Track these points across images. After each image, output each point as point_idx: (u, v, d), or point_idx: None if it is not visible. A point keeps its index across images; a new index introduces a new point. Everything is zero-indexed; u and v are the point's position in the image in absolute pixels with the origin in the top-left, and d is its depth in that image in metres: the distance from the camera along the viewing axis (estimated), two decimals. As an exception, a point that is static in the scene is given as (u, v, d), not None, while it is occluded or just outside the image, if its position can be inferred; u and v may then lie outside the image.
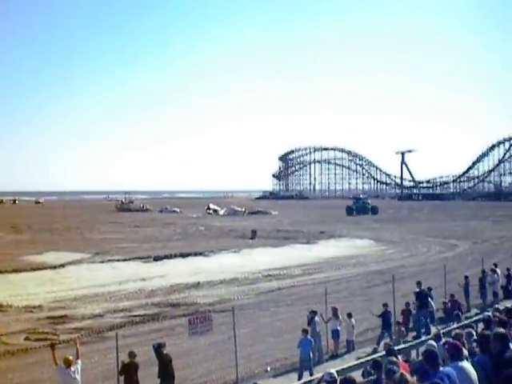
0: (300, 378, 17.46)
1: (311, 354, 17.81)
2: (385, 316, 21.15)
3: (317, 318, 19.40)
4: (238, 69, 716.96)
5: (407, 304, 22.73)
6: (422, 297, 22.87)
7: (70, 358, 13.32)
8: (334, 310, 20.38)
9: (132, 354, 14.62)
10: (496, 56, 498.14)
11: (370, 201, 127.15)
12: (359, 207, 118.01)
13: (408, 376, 7.10)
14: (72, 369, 13.14)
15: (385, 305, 21.55)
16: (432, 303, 23.75)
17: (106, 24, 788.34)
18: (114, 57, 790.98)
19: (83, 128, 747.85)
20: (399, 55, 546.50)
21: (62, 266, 41.57)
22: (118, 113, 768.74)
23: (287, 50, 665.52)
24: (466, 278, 27.21)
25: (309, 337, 18.13)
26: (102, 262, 44.23)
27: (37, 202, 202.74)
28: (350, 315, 20.64)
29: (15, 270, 38.75)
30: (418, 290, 23.21)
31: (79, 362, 13.47)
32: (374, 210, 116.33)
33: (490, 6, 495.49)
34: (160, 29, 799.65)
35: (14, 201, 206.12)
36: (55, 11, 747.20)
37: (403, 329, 21.06)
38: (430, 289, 24.25)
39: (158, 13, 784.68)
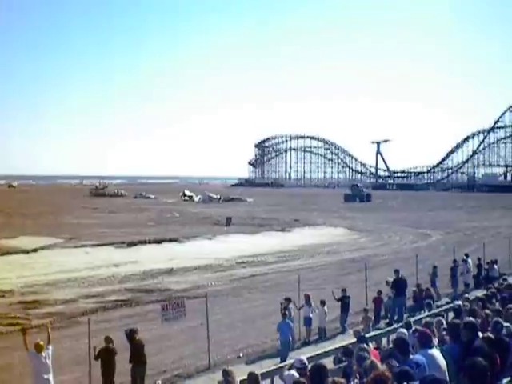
0: (283, 361, 17.77)
1: (290, 338, 17.97)
2: (343, 300, 21.44)
3: (291, 305, 19.47)
4: (214, 57, 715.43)
5: (379, 292, 22.87)
6: (399, 285, 23.05)
7: (41, 343, 13.23)
8: (307, 298, 20.45)
9: (108, 339, 14.60)
10: (471, 49, 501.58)
11: (364, 189, 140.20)
12: (357, 195, 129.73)
13: (378, 363, 7.17)
14: (43, 354, 13.07)
15: (343, 290, 21.94)
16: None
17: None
18: (92, 52, 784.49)
19: (59, 113, 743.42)
20: (375, 44, 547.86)
21: (35, 250, 41.27)
22: (95, 101, 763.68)
23: (262, 40, 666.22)
24: (434, 267, 27.43)
25: (287, 320, 18.32)
26: (76, 247, 44.00)
27: (10, 186, 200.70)
28: (323, 302, 20.72)
29: (-13, 254, 38.38)
30: (395, 277, 23.40)
31: (50, 347, 13.40)
32: (368, 198, 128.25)
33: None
34: (131, 25, 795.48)
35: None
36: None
37: (370, 316, 21.17)
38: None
39: (129, 10, 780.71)
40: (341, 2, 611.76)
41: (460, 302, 14.36)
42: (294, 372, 8.59)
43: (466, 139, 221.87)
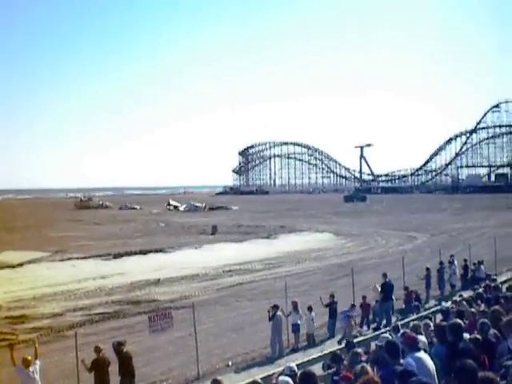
0: (273, 349, 18.69)
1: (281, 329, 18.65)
2: (331, 306, 21.48)
3: (279, 312, 19.47)
4: (198, 64, 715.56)
5: (364, 297, 22.91)
6: (387, 289, 23.12)
7: (29, 357, 13.20)
8: (294, 304, 20.45)
9: (98, 349, 14.52)
10: (456, 50, 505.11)
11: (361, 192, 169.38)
12: (356, 196, 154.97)
13: (369, 368, 7.18)
14: (31, 369, 13.04)
15: (331, 296, 21.96)
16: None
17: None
18: (78, 62, 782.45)
19: (43, 125, 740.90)
20: (359, 49, 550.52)
21: (21, 265, 41.04)
22: (78, 112, 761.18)
23: (243, 43, 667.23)
24: (428, 269, 27.55)
25: (279, 313, 18.94)
26: (62, 260, 43.80)
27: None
28: (310, 309, 20.74)
29: (-28, 270, 38.12)
30: (383, 281, 23.47)
31: (38, 362, 13.36)
32: (364, 199, 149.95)
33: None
34: (116, 29, 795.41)
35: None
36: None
37: (355, 322, 21.20)
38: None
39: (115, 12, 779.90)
40: (322, 5, 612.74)
41: (447, 304, 14.42)
42: (288, 379, 8.59)
43: (449, 141, 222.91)
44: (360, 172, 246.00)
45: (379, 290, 23.37)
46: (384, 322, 22.18)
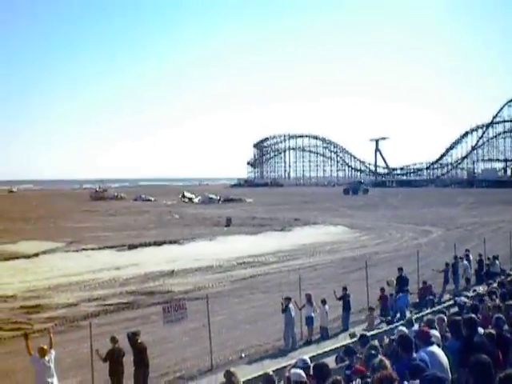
0: (286, 342, 18.79)
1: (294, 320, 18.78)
2: (344, 298, 21.46)
3: (291, 305, 19.48)
4: (213, 59, 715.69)
5: (382, 289, 22.87)
6: (402, 282, 23.07)
7: (45, 347, 13.26)
8: (308, 297, 20.45)
9: (114, 340, 14.61)
10: (471, 44, 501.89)
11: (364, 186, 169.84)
12: (356, 188, 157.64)
13: (387, 362, 7.16)
14: (46, 358, 13.10)
15: (344, 288, 21.97)
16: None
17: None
18: (91, 54, 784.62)
19: (58, 117, 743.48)
20: (373, 43, 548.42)
21: (36, 255, 41.30)
22: (94, 104, 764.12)
23: (260, 41, 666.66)
24: (447, 264, 27.43)
25: (291, 305, 19.04)
26: (77, 250, 43.98)
27: (10, 191, 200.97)
28: (324, 302, 20.72)
29: (-12, 260, 38.39)
30: (398, 275, 23.43)
31: (53, 351, 13.42)
32: (366, 191, 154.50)
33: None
34: (134, 25, 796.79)
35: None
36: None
37: (374, 315, 21.22)
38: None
39: (128, 11, 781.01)
40: (340, 4, 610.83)
41: (461, 299, 14.36)
42: (300, 371, 8.59)
43: (465, 135, 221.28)
44: (375, 165, 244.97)
45: (394, 283, 23.33)
46: (398, 315, 22.13)
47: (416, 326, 11.37)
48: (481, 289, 20.64)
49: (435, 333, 9.71)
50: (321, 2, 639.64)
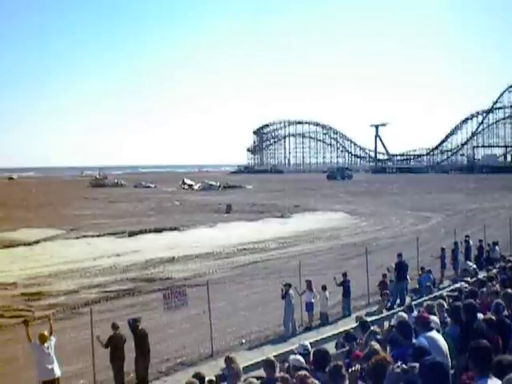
0: (287, 328, 18.91)
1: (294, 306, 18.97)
2: (344, 284, 21.51)
3: (291, 291, 19.52)
4: (211, 45, 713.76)
5: (384, 275, 22.92)
6: (401, 268, 23.09)
7: (45, 333, 13.29)
8: (308, 283, 20.52)
9: (115, 326, 14.66)
10: (469, 30, 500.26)
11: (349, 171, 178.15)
12: (339, 174, 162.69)
13: (378, 347, 7.18)
14: (46, 345, 13.14)
15: (344, 274, 22.02)
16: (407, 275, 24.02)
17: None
18: (92, 44, 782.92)
19: (58, 104, 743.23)
20: (372, 29, 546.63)
21: (36, 242, 41.36)
22: (93, 91, 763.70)
23: (260, 27, 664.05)
24: (443, 249, 27.50)
25: (291, 291, 19.20)
26: (77, 237, 44.05)
27: (10, 178, 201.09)
28: (324, 288, 20.78)
29: (-12, 248, 38.44)
30: (397, 261, 23.44)
31: (53, 338, 13.45)
32: (350, 177, 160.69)
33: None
34: (136, 17, 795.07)
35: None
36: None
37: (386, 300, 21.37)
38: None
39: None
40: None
41: (461, 284, 14.38)
42: (299, 357, 8.62)
43: (465, 121, 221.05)
44: (375, 151, 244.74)
45: (394, 269, 23.37)
46: (398, 301, 22.19)
47: (415, 312, 11.39)
48: (480, 275, 20.65)
49: (435, 318, 9.74)
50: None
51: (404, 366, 5.70)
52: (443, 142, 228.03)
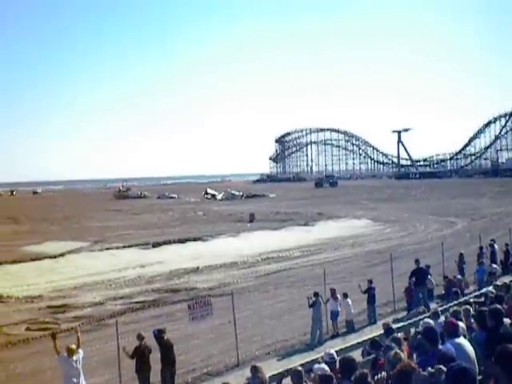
0: (313, 336, 18.85)
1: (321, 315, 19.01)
2: (369, 292, 21.39)
3: (320, 300, 19.49)
4: (232, 54, 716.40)
5: (410, 282, 22.77)
6: (420, 274, 22.92)
7: (73, 346, 13.32)
8: (333, 291, 20.45)
9: (141, 336, 14.70)
10: (492, 33, 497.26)
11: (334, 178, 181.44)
12: (326, 181, 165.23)
13: (402, 354, 7.13)
14: (74, 358, 13.18)
15: (370, 281, 21.88)
16: (432, 281, 23.84)
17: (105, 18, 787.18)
18: (110, 50, 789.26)
19: (78, 118, 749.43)
20: (395, 35, 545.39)
21: (62, 255, 41.62)
22: (113, 104, 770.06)
23: (282, 35, 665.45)
24: (461, 255, 27.26)
25: (319, 300, 19.18)
26: (101, 249, 44.28)
27: (34, 193, 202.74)
28: (345, 295, 20.72)
29: (15, 261, 38.79)
30: (415, 267, 23.27)
31: (80, 351, 13.49)
32: (335, 184, 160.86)
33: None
34: (159, 22, 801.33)
35: (12, 192, 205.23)
36: (54, 5, 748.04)
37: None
38: (428, 266, 24.27)
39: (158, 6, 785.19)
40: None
41: (488, 289, 14.25)
42: (324, 365, 8.60)
43: (488, 124, 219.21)
44: (398, 157, 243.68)
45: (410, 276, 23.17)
46: (421, 308, 22.01)
47: (442, 318, 11.31)
48: (506, 280, 20.46)
49: (461, 324, 9.66)
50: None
51: (430, 369, 5.67)
52: (466, 146, 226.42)
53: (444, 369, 5.74)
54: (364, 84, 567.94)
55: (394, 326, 14.69)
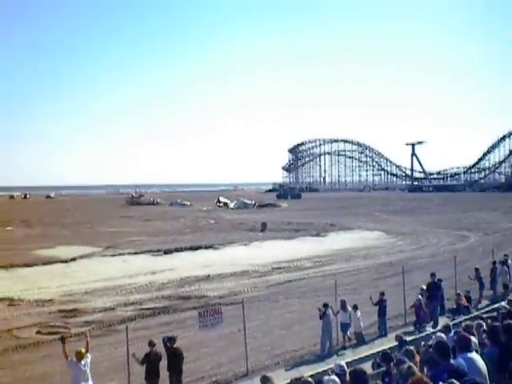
0: (323, 347, 18.75)
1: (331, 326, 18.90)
2: (381, 304, 21.27)
3: (329, 311, 19.42)
4: (247, 64, 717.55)
5: (421, 295, 22.62)
6: (433, 288, 22.78)
7: (82, 351, 13.33)
8: (343, 303, 20.35)
9: (152, 343, 14.69)
10: (508, 47, 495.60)
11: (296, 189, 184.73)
12: (288, 193, 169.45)
13: (415, 369, 7.08)
14: (82, 362, 13.18)
15: (381, 293, 21.72)
16: (443, 295, 23.71)
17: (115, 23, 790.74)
18: (119, 57, 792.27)
19: (91, 123, 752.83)
20: (409, 48, 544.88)
21: (73, 259, 41.71)
22: (126, 109, 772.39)
23: (295, 46, 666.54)
24: (477, 270, 27.07)
25: (329, 311, 19.08)
26: (113, 255, 44.36)
27: (47, 197, 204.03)
28: (355, 307, 20.62)
29: (26, 265, 38.92)
30: (430, 281, 23.13)
31: (89, 355, 13.50)
32: (299, 196, 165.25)
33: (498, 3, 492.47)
34: (170, 30, 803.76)
35: (25, 195, 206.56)
36: (61, 12, 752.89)
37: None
38: (440, 280, 24.11)
39: (172, 13, 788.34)
40: (375, 14, 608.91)
41: (501, 304, 14.14)
42: (334, 377, 8.55)
43: (503, 138, 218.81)
44: (411, 170, 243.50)
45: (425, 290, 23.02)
46: (431, 323, 21.88)
47: (453, 332, 11.23)
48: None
49: (473, 339, 9.59)
50: (360, 8, 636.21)
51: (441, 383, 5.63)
52: (480, 160, 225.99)
53: (456, 383, 5.69)
54: (379, 97, 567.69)
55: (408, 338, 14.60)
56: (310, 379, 8.72)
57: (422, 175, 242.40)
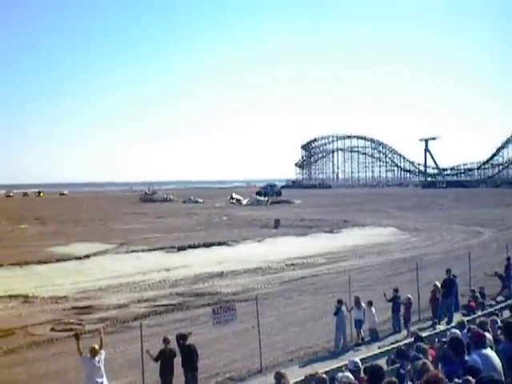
0: (337, 344, 18.79)
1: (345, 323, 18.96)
2: (394, 301, 21.20)
3: (343, 308, 19.38)
4: (261, 59, 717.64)
5: (434, 292, 22.55)
6: (448, 285, 22.69)
7: (96, 347, 13.35)
8: (357, 299, 20.31)
9: (167, 340, 14.71)
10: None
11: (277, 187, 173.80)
12: (269, 191, 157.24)
13: (430, 365, 7.05)
14: (96, 358, 13.20)
15: (395, 290, 21.67)
16: (458, 291, 23.62)
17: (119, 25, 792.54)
18: (142, 53, 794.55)
19: (109, 121, 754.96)
20: (423, 43, 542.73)
21: (87, 256, 41.87)
22: (142, 107, 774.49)
23: (309, 42, 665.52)
24: (509, 259, 26.76)
25: (343, 308, 19.13)
26: (127, 252, 44.48)
27: (61, 194, 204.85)
28: (370, 303, 20.58)
29: (41, 262, 39.09)
30: (446, 277, 23.04)
31: (103, 352, 13.51)
32: (279, 193, 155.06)
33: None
34: (182, 28, 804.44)
35: (39, 193, 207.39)
36: (62, 15, 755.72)
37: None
38: (454, 276, 24.03)
39: (177, 13, 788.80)
40: (391, 12, 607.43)
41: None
42: (348, 374, 8.54)
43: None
44: (425, 166, 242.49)
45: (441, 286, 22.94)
46: (446, 319, 21.80)
47: (468, 328, 11.18)
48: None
49: (488, 335, 9.54)
50: (376, 9, 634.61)
51: (457, 380, 5.61)
52: (494, 155, 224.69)
53: (472, 380, 5.67)
54: (392, 92, 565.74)
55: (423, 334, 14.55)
56: (324, 376, 8.72)
57: (436, 171, 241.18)
